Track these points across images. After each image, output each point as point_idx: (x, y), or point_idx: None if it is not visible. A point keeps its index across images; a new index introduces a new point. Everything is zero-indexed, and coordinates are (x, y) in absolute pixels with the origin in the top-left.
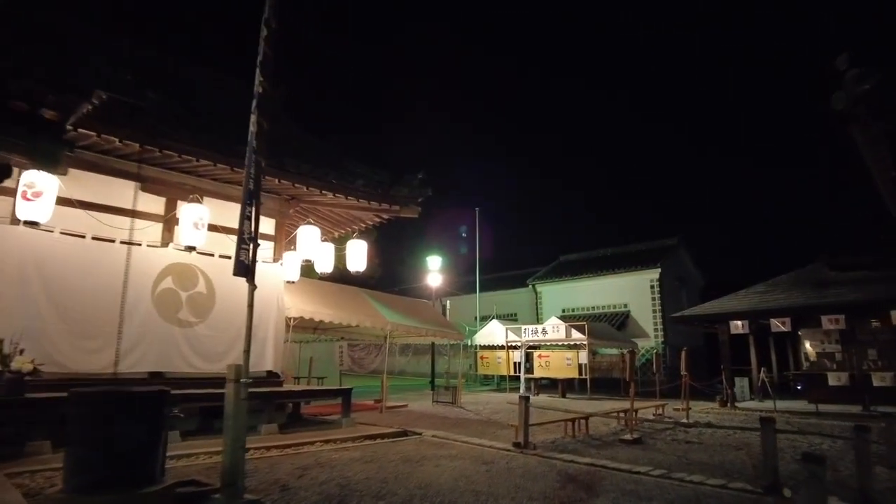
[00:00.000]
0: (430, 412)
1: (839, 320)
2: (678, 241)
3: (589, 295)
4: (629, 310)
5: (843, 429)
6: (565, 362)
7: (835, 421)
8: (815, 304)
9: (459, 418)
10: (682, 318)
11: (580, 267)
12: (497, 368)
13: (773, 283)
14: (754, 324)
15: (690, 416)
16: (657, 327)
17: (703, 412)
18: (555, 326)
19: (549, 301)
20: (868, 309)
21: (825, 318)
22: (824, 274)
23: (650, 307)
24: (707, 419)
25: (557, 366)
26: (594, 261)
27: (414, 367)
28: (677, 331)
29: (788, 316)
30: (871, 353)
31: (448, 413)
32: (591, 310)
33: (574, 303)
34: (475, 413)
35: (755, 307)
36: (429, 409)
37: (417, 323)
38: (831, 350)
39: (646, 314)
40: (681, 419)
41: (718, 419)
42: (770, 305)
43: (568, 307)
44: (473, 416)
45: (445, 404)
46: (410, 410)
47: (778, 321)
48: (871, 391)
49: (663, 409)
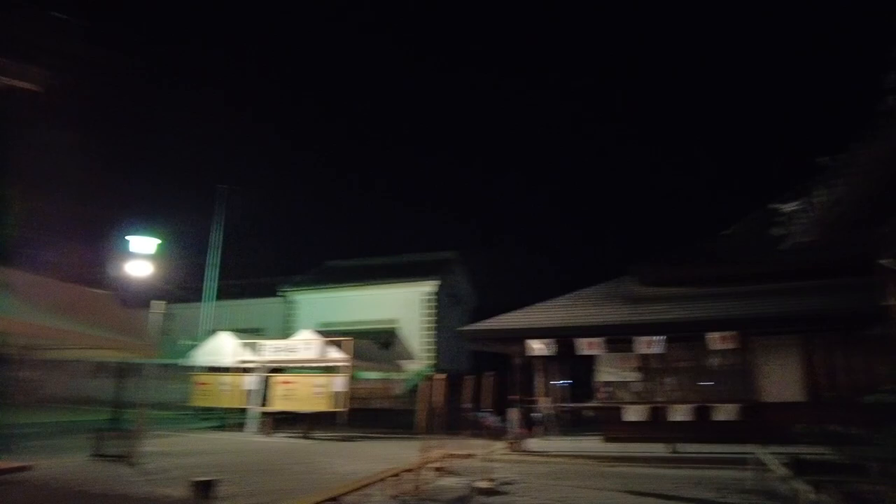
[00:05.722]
0: (63, 486)
1: (654, 343)
2: (457, 256)
3: (353, 308)
4: (397, 326)
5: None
6: (314, 391)
7: (648, 468)
8: (639, 323)
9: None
10: (471, 334)
11: (345, 275)
12: (219, 399)
13: (577, 296)
14: (559, 344)
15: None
16: (429, 348)
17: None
18: (306, 342)
19: (306, 313)
20: (685, 330)
21: (642, 340)
22: (634, 288)
23: (422, 324)
24: (503, 473)
25: (304, 395)
26: (363, 269)
27: (108, 394)
28: (453, 352)
29: (602, 335)
30: (671, 382)
31: (99, 486)
32: (355, 325)
33: (335, 316)
34: (154, 481)
35: (563, 323)
36: (73, 474)
37: (74, 325)
38: (630, 379)
39: (416, 332)
40: (475, 477)
41: (517, 471)
42: (581, 322)
43: (327, 321)
44: (140, 494)
45: (113, 461)
46: (28, 481)
47: (586, 341)
48: (671, 427)
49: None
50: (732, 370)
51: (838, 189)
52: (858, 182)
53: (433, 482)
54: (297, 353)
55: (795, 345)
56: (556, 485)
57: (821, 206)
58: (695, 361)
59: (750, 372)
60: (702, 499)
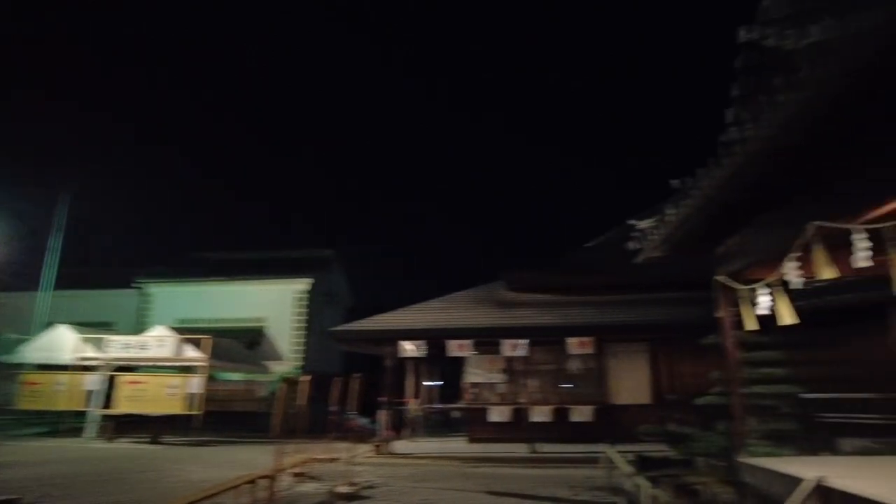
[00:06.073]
0: None
1: (519, 345)
2: (334, 254)
3: (218, 304)
4: (266, 325)
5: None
6: (166, 392)
7: (509, 469)
8: (506, 326)
9: None
10: (343, 335)
11: (211, 268)
12: (53, 401)
13: (451, 299)
14: (431, 345)
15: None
16: (299, 348)
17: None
18: (160, 340)
19: (164, 308)
20: (547, 334)
21: (508, 343)
22: (504, 294)
23: (293, 324)
24: (367, 476)
25: (154, 396)
26: (231, 263)
27: None
28: (325, 354)
29: (472, 338)
30: (533, 384)
31: None
32: (219, 323)
33: (197, 312)
34: None
35: (436, 325)
36: None
37: None
38: (496, 380)
39: (286, 332)
40: (337, 482)
41: (381, 474)
42: (453, 324)
43: (188, 318)
44: None
45: None
46: None
47: (456, 343)
48: (532, 427)
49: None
50: (588, 374)
51: (684, 210)
52: (700, 205)
53: (291, 488)
54: (149, 350)
55: (643, 351)
56: (418, 487)
57: (669, 225)
58: (556, 365)
59: (604, 376)
60: (556, 497)
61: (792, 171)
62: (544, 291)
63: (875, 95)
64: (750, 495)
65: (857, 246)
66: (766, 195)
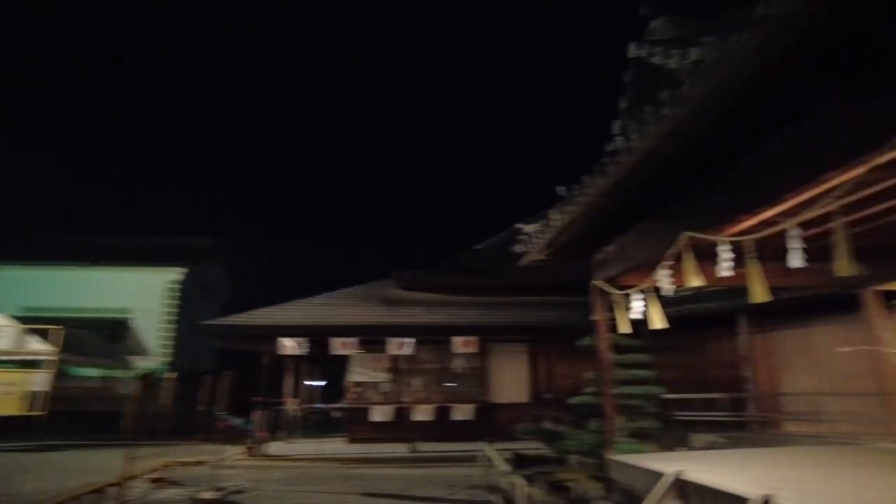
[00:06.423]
0: None
1: (405, 344)
2: (212, 243)
3: (74, 292)
4: (130, 317)
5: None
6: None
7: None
8: (393, 324)
9: None
10: (219, 330)
11: (67, 252)
12: None
13: (337, 295)
14: (313, 343)
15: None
16: (167, 344)
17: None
18: None
19: (8, 294)
20: (434, 333)
21: (394, 341)
22: (393, 292)
23: (161, 317)
24: (235, 480)
25: None
26: (91, 247)
27: None
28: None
29: (357, 336)
30: (417, 383)
31: None
32: (75, 313)
33: (47, 300)
34: None
35: (319, 322)
36: None
37: None
38: (380, 379)
39: (153, 325)
40: (200, 487)
41: (252, 478)
42: (337, 321)
43: (35, 305)
44: None
45: None
46: None
47: (340, 341)
48: (413, 427)
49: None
50: (472, 373)
51: (567, 216)
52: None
53: (147, 496)
54: None
55: (524, 351)
56: (291, 490)
57: (553, 230)
58: (440, 364)
59: (486, 375)
60: (433, 496)
61: (668, 182)
62: (434, 291)
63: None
64: (617, 490)
65: (722, 257)
66: (644, 205)
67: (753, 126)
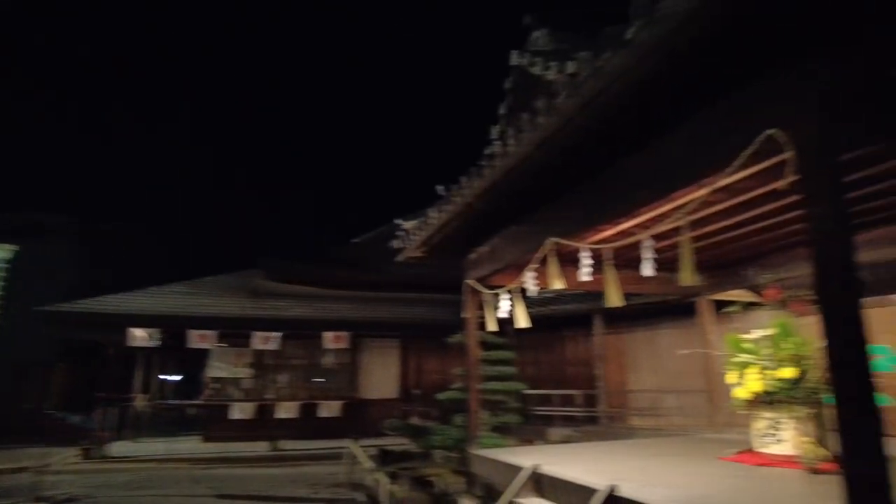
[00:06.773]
0: None
1: (271, 338)
2: (57, 220)
3: None
4: None
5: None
6: None
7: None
8: (259, 318)
9: None
10: (56, 317)
11: None
12: None
13: (198, 283)
14: (168, 335)
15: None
16: None
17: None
18: None
19: None
20: (303, 327)
21: (259, 335)
22: (261, 283)
23: None
24: (68, 488)
25: None
26: None
27: None
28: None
29: (218, 328)
30: (282, 379)
31: None
32: None
33: None
34: None
35: (174, 311)
36: None
37: None
38: (242, 375)
39: None
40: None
41: (89, 484)
42: (196, 311)
43: None
44: None
45: None
46: None
47: (198, 333)
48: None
49: None
50: (341, 369)
51: (444, 215)
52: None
53: None
54: None
55: (394, 347)
56: (133, 496)
57: (430, 227)
58: (308, 359)
59: (356, 371)
60: (295, 496)
61: (539, 189)
62: (306, 283)
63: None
64: (478, 484)
65: (583, 263)
66: (516, 208)
67: (616, 142)
